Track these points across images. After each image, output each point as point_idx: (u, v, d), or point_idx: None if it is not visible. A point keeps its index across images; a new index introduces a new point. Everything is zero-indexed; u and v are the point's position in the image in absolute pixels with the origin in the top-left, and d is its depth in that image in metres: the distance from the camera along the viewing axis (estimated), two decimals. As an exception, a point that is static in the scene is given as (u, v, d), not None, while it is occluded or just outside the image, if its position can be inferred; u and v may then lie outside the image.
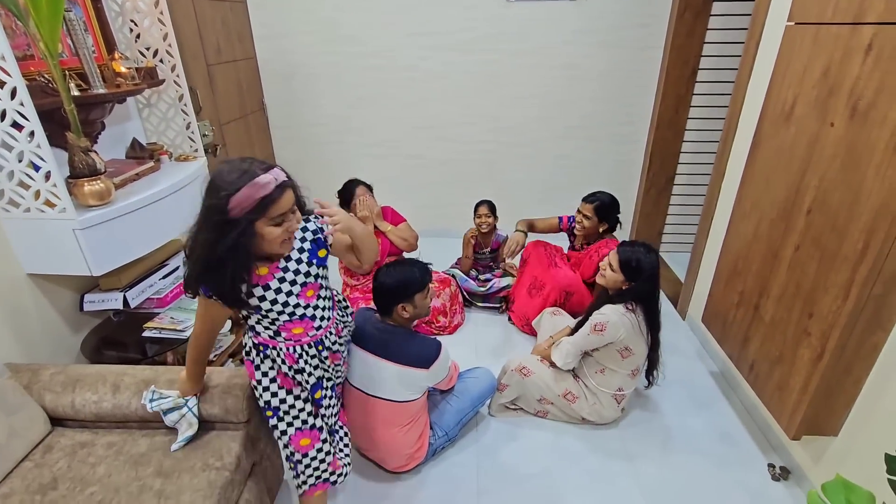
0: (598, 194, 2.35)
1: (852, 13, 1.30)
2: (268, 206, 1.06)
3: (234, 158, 1.09)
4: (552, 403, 1.88)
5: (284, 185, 1.10)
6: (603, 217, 2.32)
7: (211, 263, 1.07)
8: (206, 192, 1.06)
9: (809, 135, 1.47)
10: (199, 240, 1.08)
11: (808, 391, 1.45)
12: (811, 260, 1.45)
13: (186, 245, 1.13)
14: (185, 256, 1.14)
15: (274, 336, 1.27)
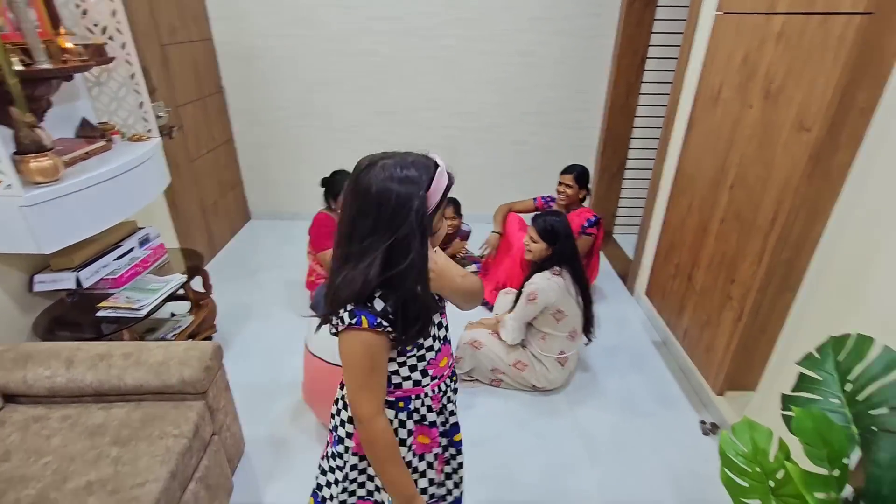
0: (574, 165, 2.55)
1: (767, 3, 1.43)
2: (445, 196, 0.87)
3: (375, 158, 0.87)
4: (504, 373, 1.98)
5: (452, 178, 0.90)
6: (582, 184, 2.51)
7: (409, 278, 0.83)
8: (395, 201, 0.80)
9: (733, 117, 1.60)
10: (392, 254, 0.81)
11: (730, 350, 1.60)
12: (733, 231, 1.59)
13: (348, 267, 0.84)
14: (338, 284, 0.85)
15: (421, 378, 0.97)
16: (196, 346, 1.48)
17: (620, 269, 3.02)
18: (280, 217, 3.63)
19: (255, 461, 1.75)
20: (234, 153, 3.42)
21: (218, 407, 1.54)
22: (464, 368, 2.03)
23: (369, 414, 0.88)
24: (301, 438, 1.83)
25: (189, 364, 1.42)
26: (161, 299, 1.84)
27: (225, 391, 1.60)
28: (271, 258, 3.12)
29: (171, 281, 1.95)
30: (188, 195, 2.81)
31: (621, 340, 2.38)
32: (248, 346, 2.33)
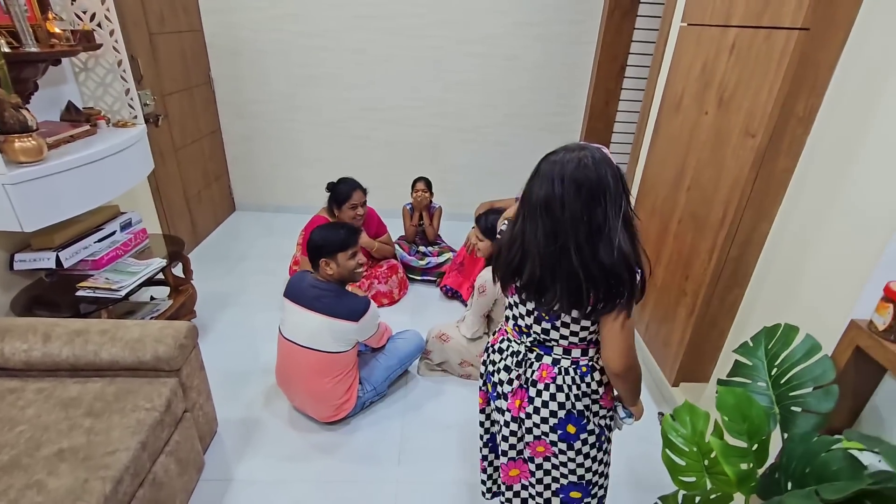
0: (483, 215, 2.61)
1: (722, 17, 1.53)
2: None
3: (569, 156, 0.92)
4: (472, 365, 2.06)
5: None
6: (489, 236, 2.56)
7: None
8: (610, 184, 0.90)
9: (691, 122, 1.70)
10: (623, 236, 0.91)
11: (684, 343, 1.69)
12: (689, 230, 1.68)
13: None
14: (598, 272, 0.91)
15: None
16: (171, 325, 1.54)
17: (595, 269, 3.11)
18: (264, 209, 3.67)
19: (227, 441, 1.80)
20: (220, 144, 3.46)
21: (191, 385, 1.59)
22: (434, 360, 2.10)
23: (635, 357, 1.04)
24: (273, 422, 1.88)
25: (164, 342, 1.48)
26: (139, 282, 1.88)
27: (199, 371, 1.65)
28: (253, 248, 3.17)
29: (150, 265, 1.99)
30: (172, 184, 2.84)
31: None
32: (227, 331, 2.38)
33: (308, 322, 1.70)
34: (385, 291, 2.64)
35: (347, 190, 2.44)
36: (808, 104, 1.28)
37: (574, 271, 0.92)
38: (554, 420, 1.09)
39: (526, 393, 1.11)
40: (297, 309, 1.73)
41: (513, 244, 1.01)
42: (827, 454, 0.86)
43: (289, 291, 1.79)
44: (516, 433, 1.16)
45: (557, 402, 1.08)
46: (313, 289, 1.74)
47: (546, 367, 1.08)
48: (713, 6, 1.59)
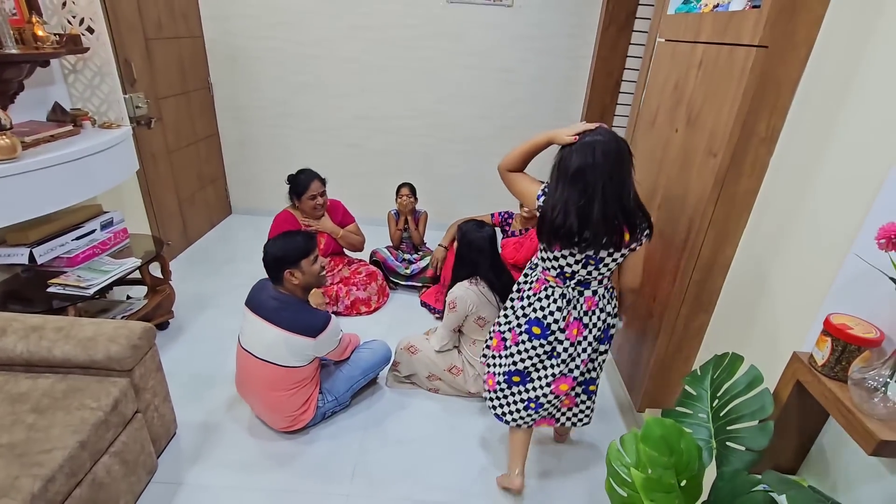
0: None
1: (693, 33, 1.49)
2: None
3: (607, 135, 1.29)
4: (440, 379, 2.02)
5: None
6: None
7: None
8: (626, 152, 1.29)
9: (664, 139, 1.65)
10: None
11: (650, 368, 1.63)
12: (658, 249, 1.63)
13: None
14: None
15: None
16: (127, 325, 1.54)
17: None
18: (258, 213, 3.71)
19: (185, 444, 1.79)
20: (218, 148, 3.52)
21: (145, 386, 1.59)
22: (402, 372, 2.07)
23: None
24: (233, 427, 1.87)
25: (117, 341, 1.48)
26: (110, 281, 1.90)
27: (156, 372, 1.65)
28: (242, 252, 3.20)
29: (124, 264, 2.02)
30: (164, 185, 2.89)
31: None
32: (201, 333, 2.39)
33: (265, 334, 1.69)
34: (363, 298, 2.62)
35: (305, 181, 2.45)
36: (770, 123, 1.24)
37: (609, 219, 1.27)
38: (600, 334, 1.48)
39: (580, 322, 1.44)
40: (256, 319, 1.72)
41: (555, 208, 1.30)
42: (748, 496, 0.80)
43: (250, 300, 1.78)
44: (572, 355, 1.48)
45: (601, 320, 1.47)
46: (273, 300, 1.73)
47: (589, 299, 1.44)
48: (686, 21, 1.56)
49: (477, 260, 1.90)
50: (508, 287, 1.90)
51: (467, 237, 1.92)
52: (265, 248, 1.72)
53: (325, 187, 2.53)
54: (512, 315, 1.55)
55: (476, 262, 1.90)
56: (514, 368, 1.53)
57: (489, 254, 1.90)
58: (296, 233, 1.79)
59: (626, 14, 2.90)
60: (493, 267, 1.91)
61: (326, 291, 2.55)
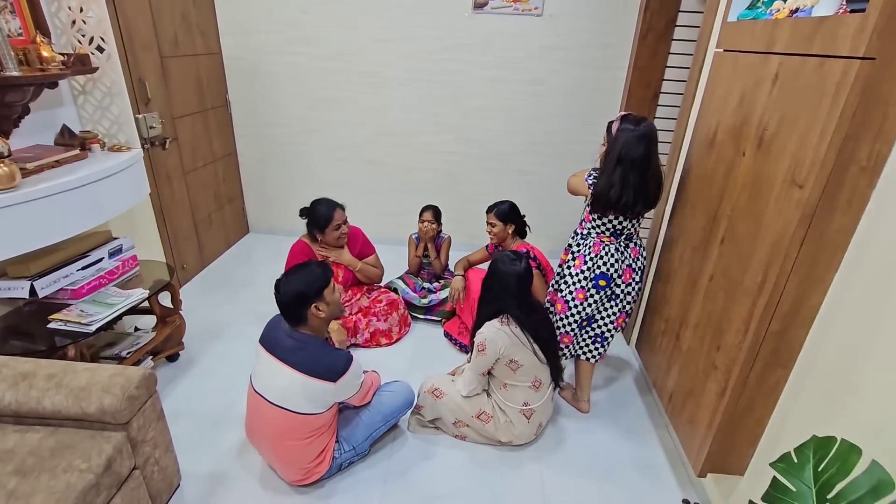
0: (497, 203, 2.40)
1: (764, 42, 1.28)
2: None
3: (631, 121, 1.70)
4: (468, 426, 1.82)
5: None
6: (506, 221, 2.35)
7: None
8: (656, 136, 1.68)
9: (727, 162, 1.44)
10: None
11: (713, 427, 1.41)
12: (721, 291, 1.41)
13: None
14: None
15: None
16: (123, 372, 1.40)
17: (619, 314, 2.81)
18: (276, 232, 3.60)
19: (189, 497, 1.64)
20: (235, 167, 3.42)
21: (144, 439, 1.44)
22: (426, 417, 1.88)
23: None
24: (242, 477, 1.71)
25: (111, 392, 1.34)
26: (113, 316, 1.78)
27: (157, 421, 1.51)
28: (259, 274, 3.07)
29: (130, 296, 1.89)
30: (179, 207, 2.79)
31: (607, 393, 2.19)
32: (213, 366, 2.25)
33: (280, 377, 1.53)
34: (384, 330, 2.45)
35: (328, 211, 2.30)
36: (874, 150, 1.02)
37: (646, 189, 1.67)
38: (642, 274, 1.87)
39: (630, 269, 1.82)
40: (270, 360, 1.56)
41: (612, 187, 1.67)
42: None
43: (264, 337, 1.63)
44: (627, 294, 1.86)
45: (641, 263, 1.85)
46: (289, 339, 1.57)
47: (633, 249, 1.83)
48: (753, 29, 1.35)
49: (502, 297, 1.70)
50: (541, 327, 1.70)
51: (494, 267, 1.73)
52: (280, 289, 1.55)
53: (345, 214, 2.38)
54: (571, 280, 1.87)
55: (501, 299, 1.70)
56: (583, 315, 1.88)
57: (516, 291, 1.70)
58: (307, 263, 1.63)
59: (665, 21, 2.69)
60: (520, 306, 1.70)
61: (345, 322, 2.39)
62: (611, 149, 1.69)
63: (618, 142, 1.66)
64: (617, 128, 1.71)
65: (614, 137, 1.69)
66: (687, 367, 1.59)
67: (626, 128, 1.65)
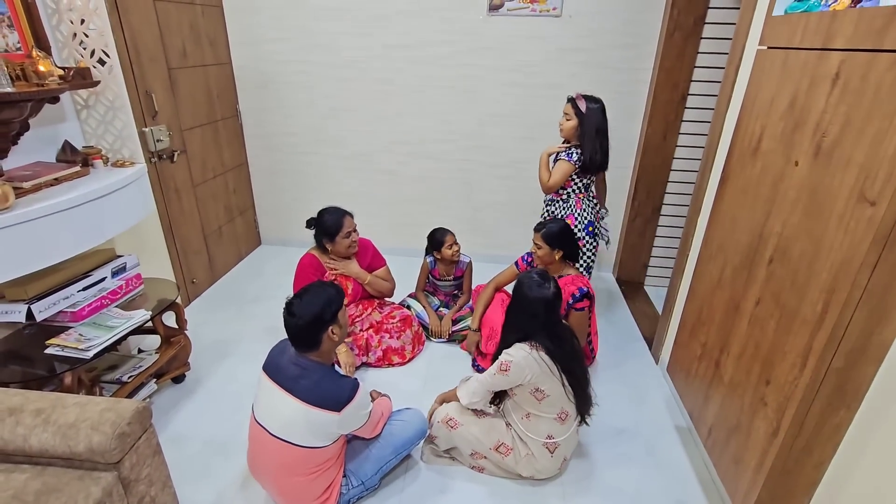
0: (546, 222, 2.17)
1: (821, 37, 1.13)
2: None
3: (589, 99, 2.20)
4: (486, 458, 1.69)
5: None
6: (553, 244, 2.10)
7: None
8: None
9: (774, 173, 1.28)
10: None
11: (763, 470, 1.24)
12: (770, 318, 1.25)
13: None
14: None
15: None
16: (115, 406, 1.30)
17: (647, 331, 2.65)
18: (289, 244, 3.52)
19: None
20: (247, 178, 3.36)
21: (138, 478, 1.34)
22: (441, 447, 1.75)
23: None
24: (244, 511, 1.61)
25: (100, 430, 1.24)
26: (113, 340, 1.70)
27: (152, 457, 1.40)
28: (270, 288, 2.99)
29: (132, 318, 1.82)
30: (189, 221, 2.73)
31: (636, 422, 2.02)
32: (219, 388, 2.16)
33: (282, 407, 1.42)
34: (396, 348, 2.33)
35: (337, 218, 2.21)
36: (965, 161, 0.86)
37: (605, 151, 2.24)
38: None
39: (598, 214, 2.41)
40: (273, 388, 1.45)
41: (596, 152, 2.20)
42: None
43: (268, 364, 1.52)
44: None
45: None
46: (293, 366, 1.46)
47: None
48: (805, 24, 1.20)
49: (529, 325, 1.55)
50: (572, 359, 1.55)
51: (520, 293, 1.58)
52: (294, 312, 1.42)
53: (355, 221, 2.28)
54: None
55: (528, 327, 1.56)
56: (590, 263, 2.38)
57: (544, 319, 1.54)
58: (319, 283, 1.53)
59: (694, 19, 2.53)
60: (550, 336, 1.55)
61: (356, 339, 2.28)
62: (587, 123, 2.17)
63: (593, 117, 2.17)
64: (586, 106, 2.19)
65: (587, 114, 2.18)
66: (730, 400, 1.43)
67: (592, 105, 2.17)
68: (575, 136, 2.27)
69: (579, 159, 2.20)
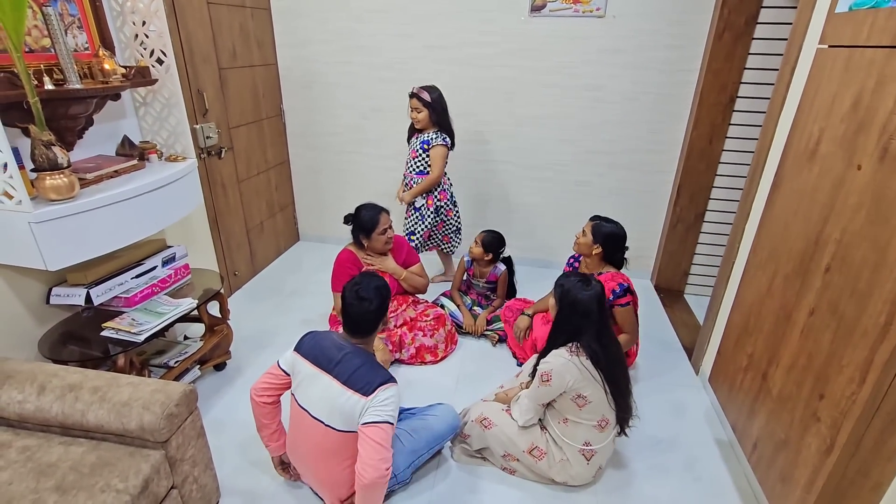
0: (604, 218, 2.13)
1: (890, 34, 1.07)
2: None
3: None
4: (518, 460, 1.67)
5: (412, 95, 2.07)
6: (597, 239, 2.07)
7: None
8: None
9: (834, 177, 1.22)
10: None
11: (814, 490, 1.18)
12: (826, 329, 1.19)
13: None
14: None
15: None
16: (165, 388, 1.37)
17: (687, 340, 2.56)
18: (326, 241, 3.60)
19: (232, 519, 1.59)
20: (288, 175, 3.46)
21: (183, 457, 1.41)
22: (473, 446, 1.75)
23: None
24: (282, 496, 1.66)
25: (151, 409, 1.30)
26: (162, 326, 1.78)
27: (197, 439, 1.47)
28: (308, 283, 3.06)
29: (180, 306, 1.90)
30: (233, 215, 2.83)
31: (675, 433, 1.96)
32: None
33: (321, 388, 1.44)
34: (429, 346, 2.34)
35: (374, 215, 2.25)
36: None
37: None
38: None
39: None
40: (316, 372, 1.47)
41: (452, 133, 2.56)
42: None
43: (308, 350, 1.54)
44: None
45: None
46: (338, 349, 1.48)
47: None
48: (873, 20, 1.14)
49: (580, 325, 1.52)
50: (615, 363, 1.52)
51: (570, 296, 1.54)
52: (364, 296, 1.46)
53: (391, 218, 2.32)
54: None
55: (579, 327, 1.52)
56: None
57: (597, 317, 1.52)
58: (370, 274, 1.59)
59: (745, 18, 2.45)
60: (599, 336, 1.52)
61: (390, 336, 2.31)
62: (436, 109, 2.58)
63: (437, 103, 2.58)
64: (429, 95, 2.56)
65: (432, 102, 2.57)
66: (778, 414, 1.37)
67: (434, 94, 2.55)
68: (431, 124, 2.60)
69: (450, 141, 2.60)
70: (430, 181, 2.63)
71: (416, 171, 2.68)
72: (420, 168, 2.66)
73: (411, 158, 2.69)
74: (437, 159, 2.59)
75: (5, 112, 1.39)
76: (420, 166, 2.66)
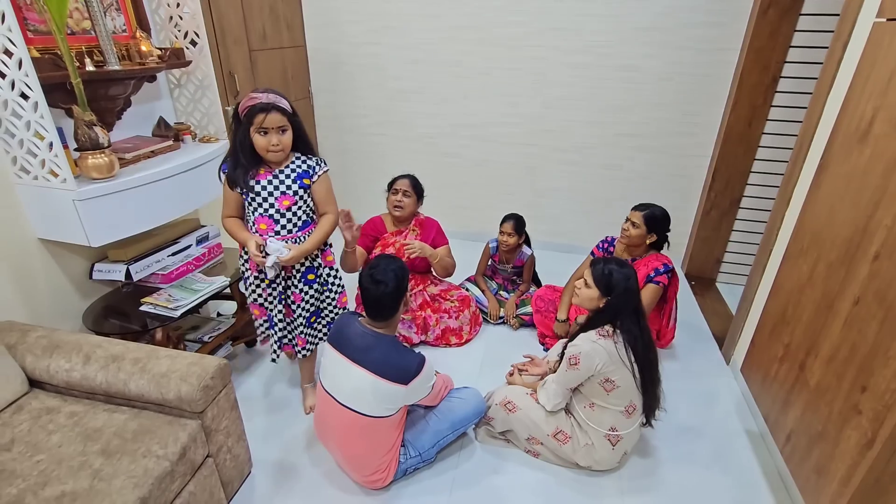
0: (650, 204, 2.12)
1: (960, 4, 0.99)
2: (253, 117, 1.50)
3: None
4: (542, 444, 1.68)
5: (270, 107, 1.50)
6: (651, 228, 2.07)
7: (231, 151, 1.62)
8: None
9: (887, 160, 1.16)
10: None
11: (852, 484, 1.15)
12: (872, 319, 1.14)
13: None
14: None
15: (251, 226, 1.66)
16: (201, 361, 1.42)
17: (718, 329, 2.50)
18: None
19: (259, 486, 1.65)
20: (315, 158, 3.49)
21: (218, 428, 1.46)
22: (497, 428, 1.76)
23: None
24: (310, 471, 1.71)
25: (188, 380, 1.35)
26: (197, 302, 1.83)
27: (230, 411, 1.52)
28: (334, 265, 3.10)
29: (213, 283, 1.95)
30: (262, 196, 2.88)
31: (704, 422, 1.93)
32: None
33: (351, 378, 1.48)
34: (455, 328, 2.36)
35: (397, 177, 2.33)
36: None
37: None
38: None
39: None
40: (340, 359, 1.51)
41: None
42: None
43: (333, 337, 1.58)
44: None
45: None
46: (362, 337, 1.51)
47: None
48: (941, -11, 1.06)
49: (622, 308, 1.49)
50: (649, 348, 1.50)
51: (612, 280, 1.50)
52: (379, 279, 1.46)
53: (412, 190, 2.30)
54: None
55: (619, 308, 1.49)
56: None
57: (637, 302, 1.50)
58: (386, 256, 1.60)
59: (793, -7, 2.32)
60: (638, 321, 1.49)
61: (415, 319, 2.32)
62: (297, 126, 1.68)
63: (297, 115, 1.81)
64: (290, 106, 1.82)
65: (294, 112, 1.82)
66: (815, 406, 1.32)
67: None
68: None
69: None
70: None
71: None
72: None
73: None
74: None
75: (49, 93, 1.44)
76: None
